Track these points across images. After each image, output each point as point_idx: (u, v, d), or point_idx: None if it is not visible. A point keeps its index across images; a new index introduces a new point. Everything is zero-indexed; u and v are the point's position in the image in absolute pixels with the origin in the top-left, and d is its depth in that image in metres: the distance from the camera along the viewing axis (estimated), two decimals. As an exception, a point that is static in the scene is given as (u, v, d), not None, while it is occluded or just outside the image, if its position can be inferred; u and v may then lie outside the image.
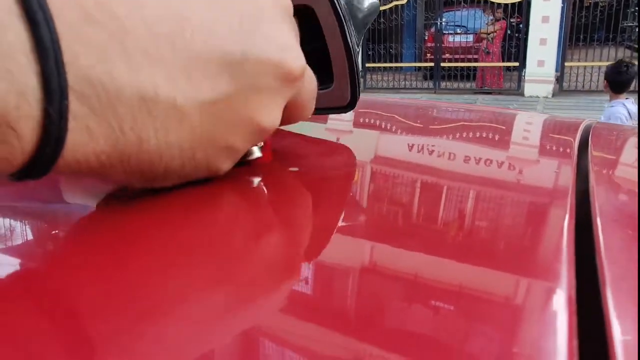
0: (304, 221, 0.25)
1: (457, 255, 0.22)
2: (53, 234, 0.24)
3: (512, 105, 8.06)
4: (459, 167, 0.37)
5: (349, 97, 0.39)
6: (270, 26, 0.24)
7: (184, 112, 0.20)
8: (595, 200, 0.28)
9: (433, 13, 9.05)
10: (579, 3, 8.05)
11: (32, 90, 0.16)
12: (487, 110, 0.76)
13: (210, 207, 0.25)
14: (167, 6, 0.19)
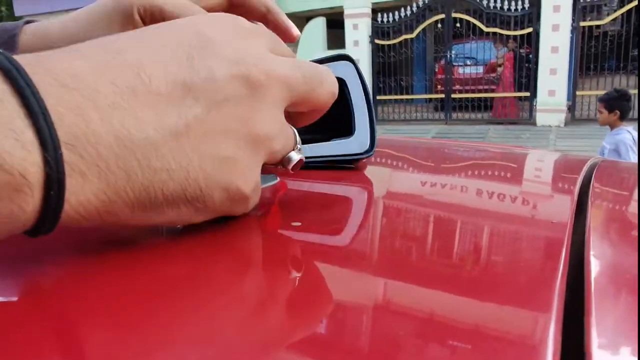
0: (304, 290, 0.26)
1: (452, 292, 0.23)
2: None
3: (525, 136, 8.04)
4: (461, 212, 0.39)
5: (367, 144, 0.46)
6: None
7: (158, 142, 0.23)
8: (590, 244, 0.29)
9: (442, 46, 9.17)
10: (588, 33, 8.11)
11: (32, 143, 0.20)
12: (491, 148, 0.77)
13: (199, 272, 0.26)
14: (123, 62, 0.23)
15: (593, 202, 0.40)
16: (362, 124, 0.46)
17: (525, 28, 8.34)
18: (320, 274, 0.25)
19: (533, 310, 0.22)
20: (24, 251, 0.27)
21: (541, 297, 0.23)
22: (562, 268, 0.25)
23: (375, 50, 9.45)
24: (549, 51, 8.13)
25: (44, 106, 0.20)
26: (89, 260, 0.26)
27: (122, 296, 0.22)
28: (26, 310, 0.21)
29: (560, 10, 7.95)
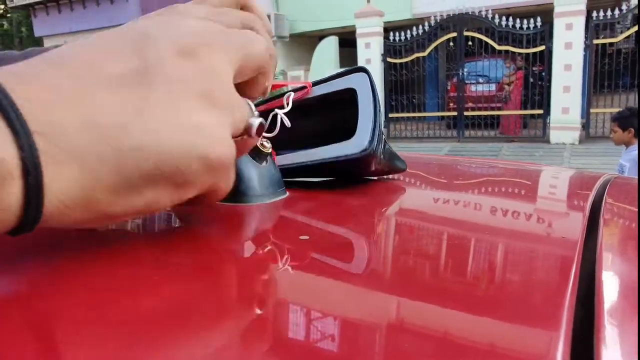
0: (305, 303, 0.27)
1: (458, 310, 0.23)
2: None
3: (538, 153, 7.99)
4: (471, 228, 0.39)
5: (365, 144, 0.44)
6: None
7: (124, 121, 0.24)
8: (601, 262, 0.29)
9: (454, 64, 9.19)
10: (601, 50, 8.09)
11: (4, 133, 0.21)
12: (501, 165, 0.77)
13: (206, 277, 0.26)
14: (79, 59, 0.25)
15: (605, 219, 0.40)
16: (364, 125, 0.45)
17: (538, 46, 8.33)
18: (327, 289, 0.25)
19: (542, 328, 0.22)
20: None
21: (550, 315, 0.23)
22: (571, 286, 0.25)
23: (388, 68, 9.50)
24: (562, 69, 8.11)
25: (10, 99, 0.21)
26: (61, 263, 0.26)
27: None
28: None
29: (572, 28, 7.95)
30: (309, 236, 0.31)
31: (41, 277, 0.26)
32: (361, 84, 0.46)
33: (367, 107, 0.45)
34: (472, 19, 8.76)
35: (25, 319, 0.22)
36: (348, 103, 0.46)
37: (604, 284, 0.26)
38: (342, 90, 0.47)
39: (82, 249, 0.29)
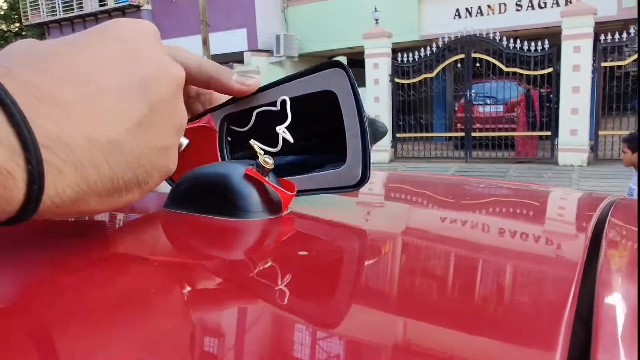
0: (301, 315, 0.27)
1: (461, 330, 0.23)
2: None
3: (547, 175, 7.95)
4: (472, 249, 0.39)
5: (359, 176, 0.41)
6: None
7: (119, 139, 0.28)
8: (600, 284, 0.29)
9: (462, 85, 9.23)
10: (609, 73, 8.10)
11: (16, 146, 0.24)
12: (506, 185, 0.77)
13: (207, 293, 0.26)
14: (77, 75, 0.28)
15: (608, 241, 0.40)
16: (355, 150, 0.40)
17: (546, 68, 8.36)
18: (327, 306, 0.25)
19: (539, 349, 0.22)
20: None
21: (548, 336, 0.23)
22: (569, 308, 0.25)
23: (396, 89, 9.55)
24: (570, 91, 8.12)
25: (23, 116, 0.24)
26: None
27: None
28: None
29: (580, 51, 7.97)
30: (308, 252, 0.31)
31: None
32: (341, 85, 0.41)
33: (352, 119, 0.40)
34: (480, 41, 8.82)
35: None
36: (328, 102, 0.41)
37: (603, 306, 0.26)
38: (320, 92, 0.42)
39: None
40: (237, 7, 11.59)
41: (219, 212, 0.37)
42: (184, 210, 0.38)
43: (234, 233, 0.36)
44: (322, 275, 0.29)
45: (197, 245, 0.34)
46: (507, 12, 10.03)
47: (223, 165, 0.39)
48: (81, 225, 0.39)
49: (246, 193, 0.37)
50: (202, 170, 0.40)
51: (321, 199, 0.49)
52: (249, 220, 0.36)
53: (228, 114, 0.45)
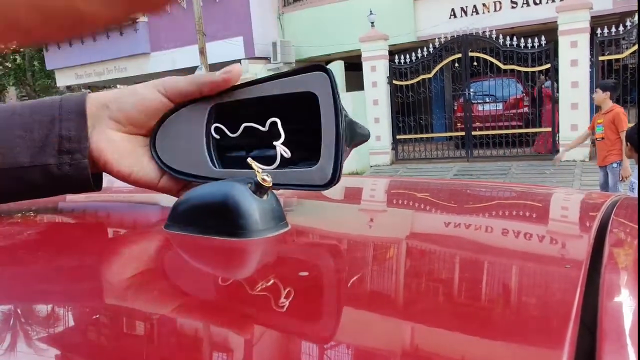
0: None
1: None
2: None
3: (548, 171, 7.93)
4: (476, 253, 0.38)
5: (329, 177, 0.43)
6: None
7: None
8: (605, 285, 0.29)
9: (460, 84, 9.23)
10: (607, 67, 8.09)
11: None
12: (507, 188, 0.76)
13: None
14: None
15: (610, 241, 0.39)
16: (328, 153, 0.42)
17: (544, 64, 8.36)
18: (328, 327, 0.25)
19: (544, 348, 0.22)
20: None
21: (553, 337, 0.22)
22: (575, 308, 0.25)
23: (394, 91, 9.55)
24: (569, 86, 8.11)
25: None
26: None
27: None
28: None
29: (577, 45, 7.97)
30: (310, 272, 0.31)
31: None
32: (322, 88, 0.42)
33: (329, 122, 0.42)
34: (477, 39, 8.83)
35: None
36: (309, 102, 0.43)
37: (607, 308, 0.26)
38: (301, 93, 0.43)
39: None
40: (233, 15, 11.63)
41: (220, 232, 0.36)
42: (184, 231, 0.38)
43: (235, 254, 0.35)
44: (324, 297, 0.29)
45: (199, 269, 0.34)
46: (502, 10, 10.03)
47: (222, 185, 0.39)
48: (76, 253, 0.39)
49: (246, 212, 0.36)
50: (201, 191, 0.40)
51: (322, 210, 0.49)
52: (250, 240, 0.36)
53: (217, 103, 0.47)
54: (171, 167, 0.48)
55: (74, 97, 0.47)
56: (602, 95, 4.77)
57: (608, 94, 4.72)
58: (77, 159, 0.46)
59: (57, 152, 0.45)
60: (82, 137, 0.45)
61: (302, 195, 0.55)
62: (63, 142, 0.45)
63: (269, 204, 0.38)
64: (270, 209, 0.38)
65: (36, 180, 0.46)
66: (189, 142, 0.47)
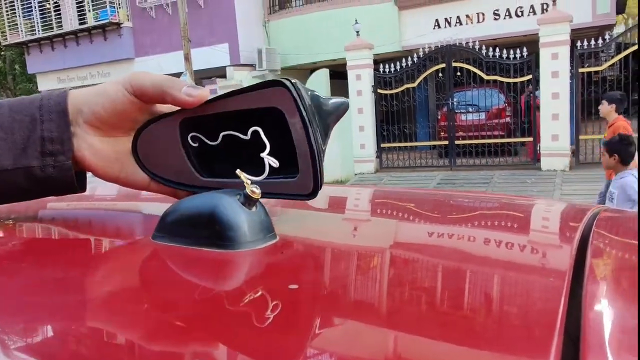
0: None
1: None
2: None
3: (530, 180, 8.04)
4: (461, 265, 0.39)
5: (311, 188, 0.43)
6: None
7: None
8: (587, 296, 0.29)
9: (444, 94, 9.33)
10: (587, 78, 8.25)
11: None
12: (490, 199, 0.78)
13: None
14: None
15: (592, 252, 0.40)
16: (305, 165, 0.42)
17: (525, 75, 8.50)
18: (319, 341, 0.25)
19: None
20: None
21: (538, 350, 0.23)
22: (559, 322, 0.26)
23: (379, 99, 9.62)
24: (550, 97, 8.25)
25: None
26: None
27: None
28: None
29: (558, 57, 8.12)
30: (299, 285, 0.31)
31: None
32: (285, 102, 0.41)
33: (300, 134, 0.41)
34: (460, 50, 8.95)
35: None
36: (279, 114, 0.42)
37: (590, 317, 0.26)
38: (265, 109, 0.42)
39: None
40: (219, 22, 11.62)
41: (209, 243, 0.36)
42: (173, 242, 0.38)
43: (225, 265, 0.35)
44: (315, 310, 0.29)
45: (190, 281, 0.34)
46: (485, 21, 10.18)
47: (211, 196, 0.39)
48: (62, 260, 0.38)
49: (235, 224, 0.36)
50: (190, 202, 0.40)
51: (307, 219, 0.49)
52: (239, 252, 0.36)
53: (186, 118, 0.46)
54: (158, 175, 0.48)
55: (54, 96, 0.46)
56: (607, 107, 4.61)
57: (614, 106, 4.56)
58: (61, 161, 0.44)
59: (40, 154, 0.44)
60: (65, 138, 0.44)
61: (286, 204, 0.55)
62: (45, 143, 0.44)
63: (257, 215, 0.38)
64: (258, 220, 0.38)
65: (19, 183, 0.44)
66: (169, 154, 0.47)
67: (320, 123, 0.43)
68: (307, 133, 0.41)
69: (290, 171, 0.43)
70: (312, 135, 0.41)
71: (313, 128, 0.41)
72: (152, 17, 12.56)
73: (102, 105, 0.45)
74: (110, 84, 0.46)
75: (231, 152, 0.46)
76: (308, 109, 0.41)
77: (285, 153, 0.43)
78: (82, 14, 13.07)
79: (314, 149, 0.41)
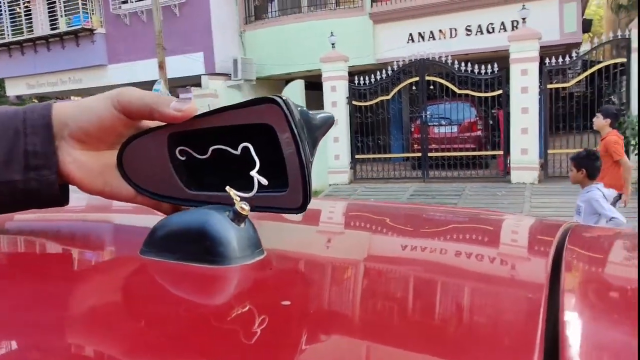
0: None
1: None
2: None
3: (500, 193, 8.20)
4: (443, 282, 0.40)
5: (300, 202, 0.44)
6: None
7: None
8: (563, 309, 0.31)
9: (417, 107, 9.48)
10: (555, 94, 8.51)
11: None
12: (464, 214, 0.80)
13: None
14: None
15: (566, 268, 0.42)
16: (295, 180, 0.43)
17: (496, 90, 8.71)
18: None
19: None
20: None
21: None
22: (539, 335, 0.27)
23: (353, 111, 9.72)
24: (520, 112, 8.47)
25: None
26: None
27: None
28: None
29: (527, 73, 8.36)
30: (289, 300, 0.32)
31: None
32: (277, 119, 0.42)
33: (291, 151, 0.42)
34: (433, 64, 9.12)
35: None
36: (269, 130, 0.43)
37: (567, 334, 0.28)
38: (255, 124, 0.43)
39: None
40: (194, 30, 11.56)
41: (198, 259, 0.37)
42: (161, 257, 0.38)
43: (215, 281, 0.36)
44: (307, 326, 0.30)
45: (182, 297, 0.35)
46: (458, 37, 10.41)
47: (201, 213, 0.40)
48: (48, 275, 0.38)
49: (225, 240, 0.37)
50: (179, 218, 0.40)
51: (292, 234, 0.49)
52: (228, 267, 0.36)
53: (175, 132, 0.46)
54: (145, 189, 0.48)
55: (37, 109, 0.45)
56: (602, 121, 4.48)
57: (609, 120, 4.45)
58: (45, 175, 0.44)
59: (24, 167, 0.43)
60: (49, 152, 0.44)
61: (269, 217, 0.56)
62: (29, 157, 0.43)
63: (246, 231, 0.39)
64: (247, 236, 0.39)
65: (1, 197, 0.44)
66: (155, 167, 0.47)
67: (308, 137, 0.44)
68: (297, 149, 0.41)
69: (280, 185, 0.44)
70: (302, 150, 0.42)
71: (303, 143, 0.42)
72: (126, 24, 12.42)
73: (88, 121, 0.45)
74: (97, 99, 0.46)
75: (220, 166, 0.46)
76: (298, 124, 0.42)
77: (275, 168, 0.43)
78: (54, 19, 12.84)
79: (304, 164, 0.42)
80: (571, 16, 9.60)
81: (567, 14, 9.58)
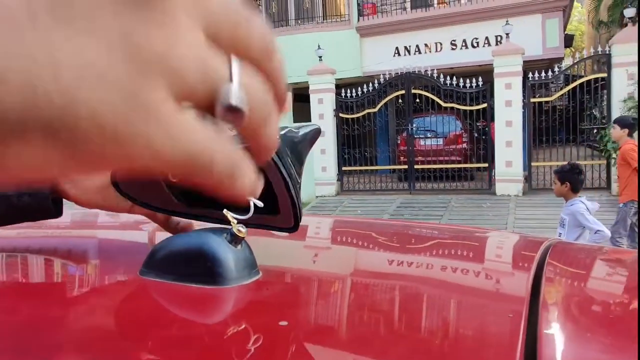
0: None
1: None
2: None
3: (485, 205, 8.28)
4: (429, 298, 0.42)
5: (292, 224, 0.46)
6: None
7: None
8: (542, 326, 0.33)
9: (404, 119, 9.57)
10: (538, 108, 8.66)
11: None
12: (450, 231, 0.82)
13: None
14: None
15: (547, 284, 0.44)
16: (284, 205, 0.44)
17: (481, 103, 8.83)
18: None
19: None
20: None
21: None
22: (519, 350, 0.29)
23: (340, 124, 9.77)
24: (504, 125, 8.59)
25: None
26: None
27: None
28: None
29: (511, 87, 8.50)
30: (285, 320, 0.33)
31: None
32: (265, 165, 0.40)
33: (276, 176, 0.42)
34: (419, 77, 9.23)
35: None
36: None
37: (545, 346, 0.30)
38: None
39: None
40: (181, 42, 11.54)
41: (197, 280, 0.38)
42: (161, 278, 0.40)
43: (214, 301, 0.38)
44: (303, 346, 0.31)
45: (183, 317, 0.36)
46: (443, 51, 10.56)
47: (199, 235, 0.41)
48: (44, 300, 0.39)
49: (223, 261, 0.39)
50: (178, 240, 0.42)
51: (285, 251, 0.51)
52: (226, 288, 0.38)
53: None
54: (142, 202, 0.48)
55: None
56: (619, 131, 4.45)
57: (627, 130, 4.41)
58: (38, 190, 0.45)
59: None
60: None
61: (262, 233, 0.57)
62: None
63: (242, 253, 0.40)
64: (244, 257, 0.40)
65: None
66: (150, 185, 0.48)
67: (293, 156, 0.44)
68: (287, 187, 0.42)
69: (272, 211, 0.45)
70: (290, 179, 0.42)
71: (293, 180, 0.42)
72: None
73: None
74: None
75: None
76: (286, 163, 0.42)
77: (266, 190, 0.45)
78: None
79: (293, 195, 0.43)
80: (553, 31, 9.80)
81: (549, 29, 9.78)
